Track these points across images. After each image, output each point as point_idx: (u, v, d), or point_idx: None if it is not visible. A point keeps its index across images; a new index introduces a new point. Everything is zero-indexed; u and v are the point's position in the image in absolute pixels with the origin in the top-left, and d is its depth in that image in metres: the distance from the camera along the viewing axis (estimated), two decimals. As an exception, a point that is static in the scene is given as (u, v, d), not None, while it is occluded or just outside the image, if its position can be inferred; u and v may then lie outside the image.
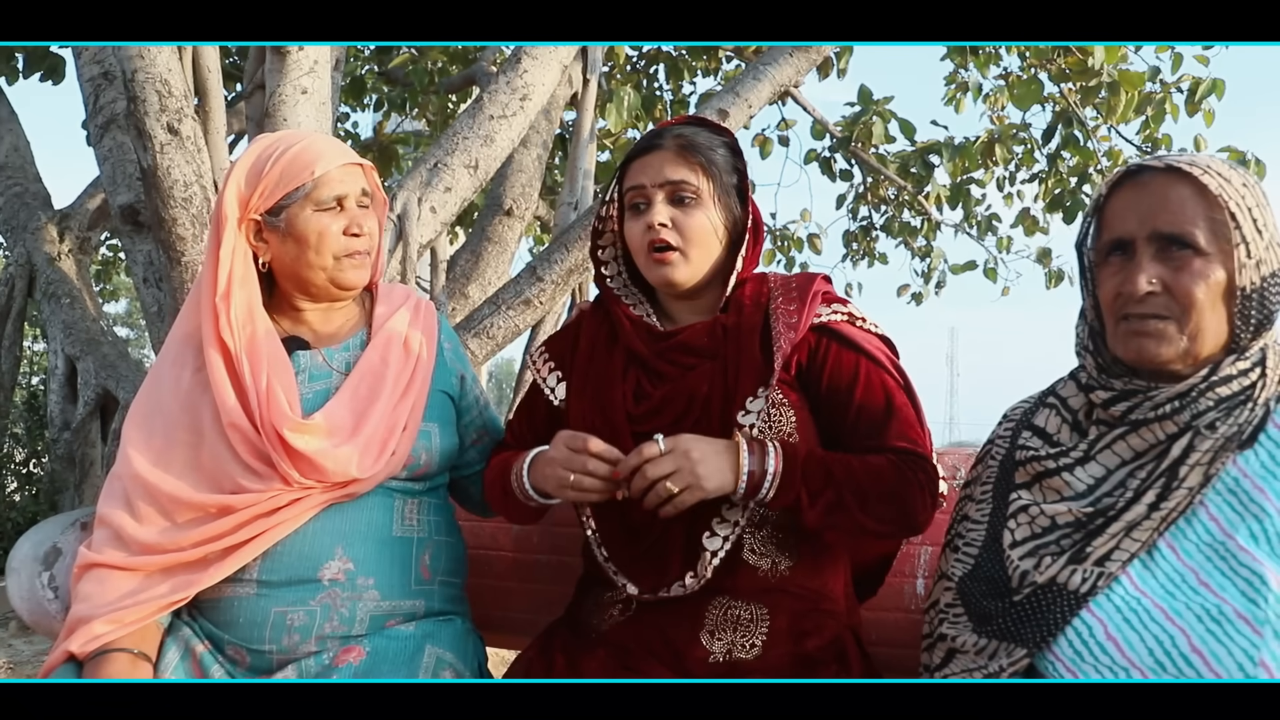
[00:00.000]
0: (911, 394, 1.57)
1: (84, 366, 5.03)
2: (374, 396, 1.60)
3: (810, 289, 1.59)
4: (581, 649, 1.54)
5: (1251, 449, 1.21)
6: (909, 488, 1.45)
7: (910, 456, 1.48)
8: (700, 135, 1.56)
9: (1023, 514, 1.33)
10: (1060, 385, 1.41)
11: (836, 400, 1.53)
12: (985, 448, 1.52)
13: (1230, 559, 1.16)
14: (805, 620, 1.51)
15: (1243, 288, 1.22)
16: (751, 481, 1.41)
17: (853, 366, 1.53)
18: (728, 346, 1.55)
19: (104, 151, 3.95)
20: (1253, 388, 1.23)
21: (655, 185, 1.54)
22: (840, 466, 1.44)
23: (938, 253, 7.21)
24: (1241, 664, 1.10)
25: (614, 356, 1.62)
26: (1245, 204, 1.22)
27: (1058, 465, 1.32)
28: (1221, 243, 1.22)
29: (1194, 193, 1.23)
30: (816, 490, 1.42)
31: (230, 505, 1.49)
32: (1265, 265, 1.23)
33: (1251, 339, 1.24)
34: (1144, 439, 1.26)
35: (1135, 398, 1.27)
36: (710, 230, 1.54)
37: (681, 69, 6.29)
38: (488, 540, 2.04)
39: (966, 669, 1.32)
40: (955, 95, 5.99)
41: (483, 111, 3.65)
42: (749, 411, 1.50)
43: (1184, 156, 1.26)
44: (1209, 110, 5.28)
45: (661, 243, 1.53)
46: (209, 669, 1.51)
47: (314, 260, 1.59)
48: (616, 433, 1.54)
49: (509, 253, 4.58)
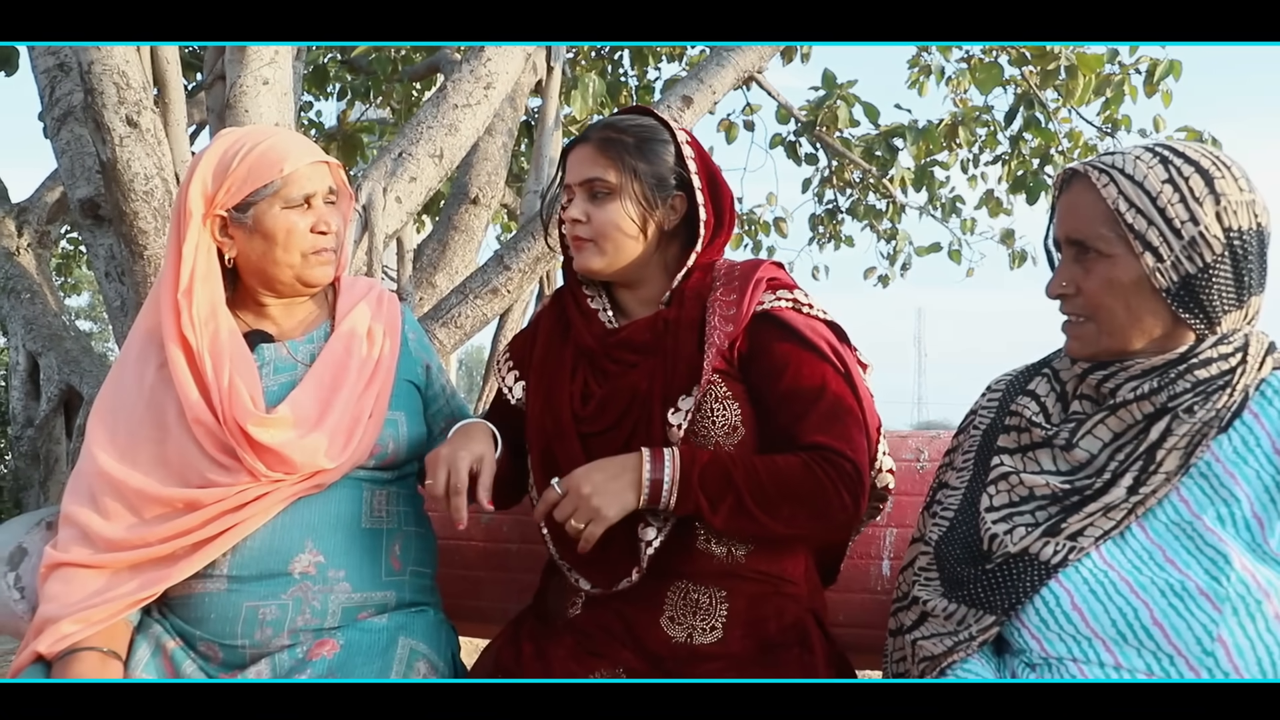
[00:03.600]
0: (852, 383, 1.54)
1: (46, 362, 4.96)
2: (338, 386, 1.60)
3: (753, 276, 1.58)
4: (549, 637, 1.55)
5: (1226, 434, 1.24)
6: (819, 488, 1.44)
7: (825, 453, 1.45)
8: (629, 128, 1.59)
9: (1003, 481, 1.36)
10: (1054, 359, 1.45)
11: (764, 389, 1.53)
12: (968, 418, 1.55)
13: (1197, 538, 1.20)
14: (765, 604, 1.53)
15: (1164, 289, 1.24)
16: (653, 491, 1.44)
17: (783, 355, 1.52)
18: (667, 341, 1.55)
19: (62, 144, 3.88)
20: (1232, 373, 1.25)
21: (575, 183, 1.60)
22: (742, 471, 1.45)
23: (903, 235, 7.24)
24: (1200, 638, 1.14)
25: (564, 354, 1.64)
26: (1157, 205, 1.23)
27: (1046, 438, 1.35)
28: (1134, 244, 1.24)
29: (1095, 199, 1.27)
30: (715, 496, 1.44)
31: (198, 500, 1.49)
32: (1187, 262, 1.23)
33: (1209, 325, 1.26)
34: (1123, 420, 1.29)
35: (1110, 366, 1.30)
36: (619, 223, 1.56)
37: (646, 55, 6.29)
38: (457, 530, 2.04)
39: (937, 633, 1.35)
40: (918, 79, 6.03)
41: (447, 100, 3.63)
42: (679, 409, 1.50)
43: (1110, 158, 1.28)
44: (1167, 91, 5.35)
45: (575, 236, 1.59)
46: (181, 666, 1.50)
47: (281, 257, 1.59)
48: (564, 435, 1.56)
49: (476, 241, 4.57)
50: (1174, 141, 1.31)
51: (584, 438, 1.55)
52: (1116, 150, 1.31)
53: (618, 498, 1.44)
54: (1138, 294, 1.26)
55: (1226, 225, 1.23)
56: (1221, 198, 1.23)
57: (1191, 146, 1.27)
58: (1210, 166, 1.24)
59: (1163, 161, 1.25)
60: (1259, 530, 1.18)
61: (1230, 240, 1.23)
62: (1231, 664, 1.13)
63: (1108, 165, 1.27)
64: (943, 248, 7.10)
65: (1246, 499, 1.19)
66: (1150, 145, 1.28)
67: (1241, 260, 1.24)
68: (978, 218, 7.08)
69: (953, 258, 7.07)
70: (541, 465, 1.60)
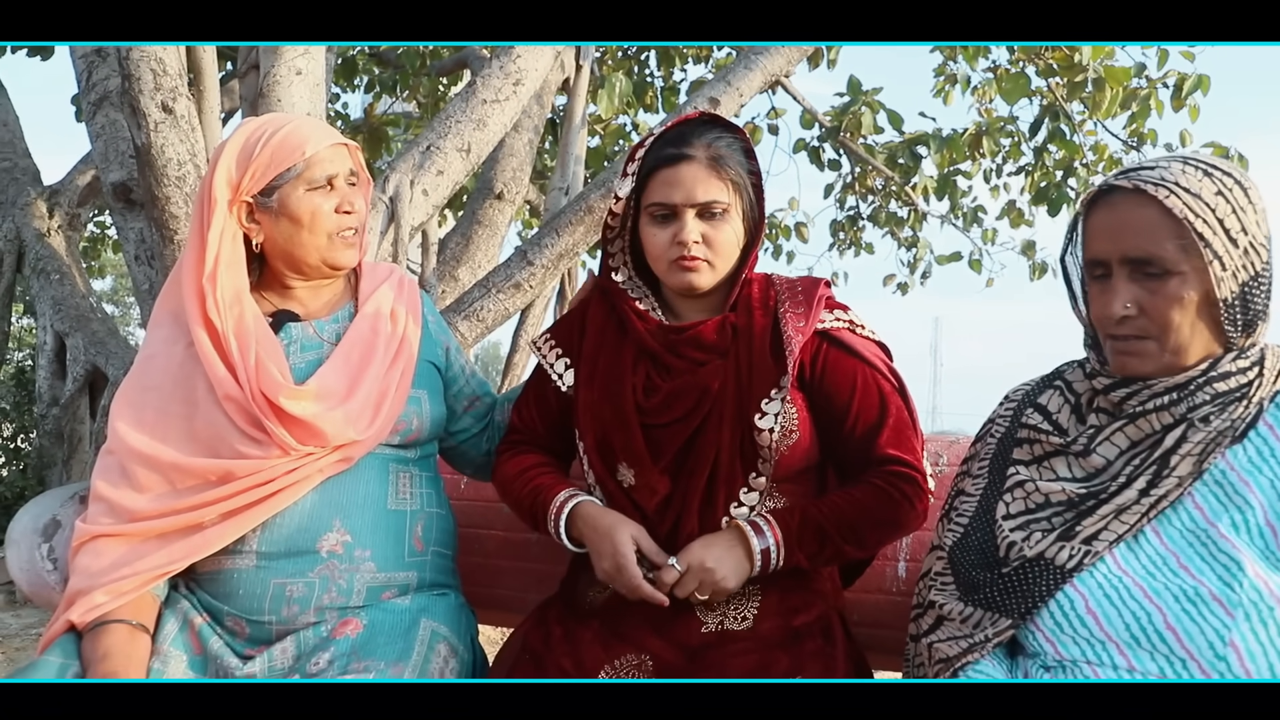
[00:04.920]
0: (905, 396, 1.63)
1: (73, 343, 5.02)
2: (366, 363, 1.64)
3: (815, 294, 1.63)
4: (577, 620, 1.60)
5: (1241, 444, 1.26)
6: (898, 508, 1.55)
7: (899, 467, 1.56)
8: (724, 143, 1.58)
9: (1019, 489, 1.39)
10: (1068, 370, 1.46)
11: (835, 406, 1.59)
12: (985, 426, 1.57)
13: (1211, 545, 1.22)
14: (794, 597, 1.58)
15: (1223, 299, 1.25)
16: (764, 560, 1.52)
17: (851, 373, 1.59)
18: (739, 346, 1.59)
19: (96, 128, 3.93)
20: (1249, 386, 1.27)
21: (687, 205, 1.55)
22: (831, 518, 1.53)
23: (924, 243, 7.25)
24: (1213, 643, 1.16)
25: (624, 348, 1.66)
26: (1216, 216, 1.23)
27: (1061, 448, 1.37)
28: (1194, 259, 1.24)
29: (1160, 214, 1.24)
30: (814, 552, 1.54)
31: (231, 471, 1.52)
32: (1244, 271, 1.25)
33: (1243, 337, 1.28)
34: (1140, 429, 1.31)
35: (1134, 384, 1.31)
36: (735, 241, 1.58)
37: (673, 56, 6.31)
38: (479, 519, 2.07)
39: (953, 636, 1.37)
40: (944, 87, 6.02)
41: (476, 95, 3.66)
42: (765, 414, 1.55)
43: (1154, 172, 1.26)
44: (1194, 106, 5.34)
45: (692, 258, 1.56)
46: (207, 640, 1.54)
47: (307, 239, 1.63)
48: (626, 424, 1.60)
49: (499, 236, 4.59)
50: (1200, 155, 1.31)
51: (646, 428, 1.59)
52: (1146, 165, 1.29)
53: (737, 570, 1.51)
54: (1202, 309, 1.26)
55: (1266, 233, 1.27)
56: (1256, 206, 1.26)
57: (1216, 159, 1.28)
58: (1241, 179, 1.26)
59: (1206, 174, 1.26)
60: (1272, 538, 1.20)
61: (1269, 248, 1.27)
62: (1244, 669, 1.14)
63: (1158, 180, 1.25)
64: (963, 257, 7.10)
65: (1260, 507, 1.21)
66: (1180, 158, 1.29)
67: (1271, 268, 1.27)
68: (999, 228, 7.07)
69: (973, 267, 7.06)
70: (598, 452, 1.64)
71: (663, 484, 1.58)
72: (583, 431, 1.67)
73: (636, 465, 1.60)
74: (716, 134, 1.58)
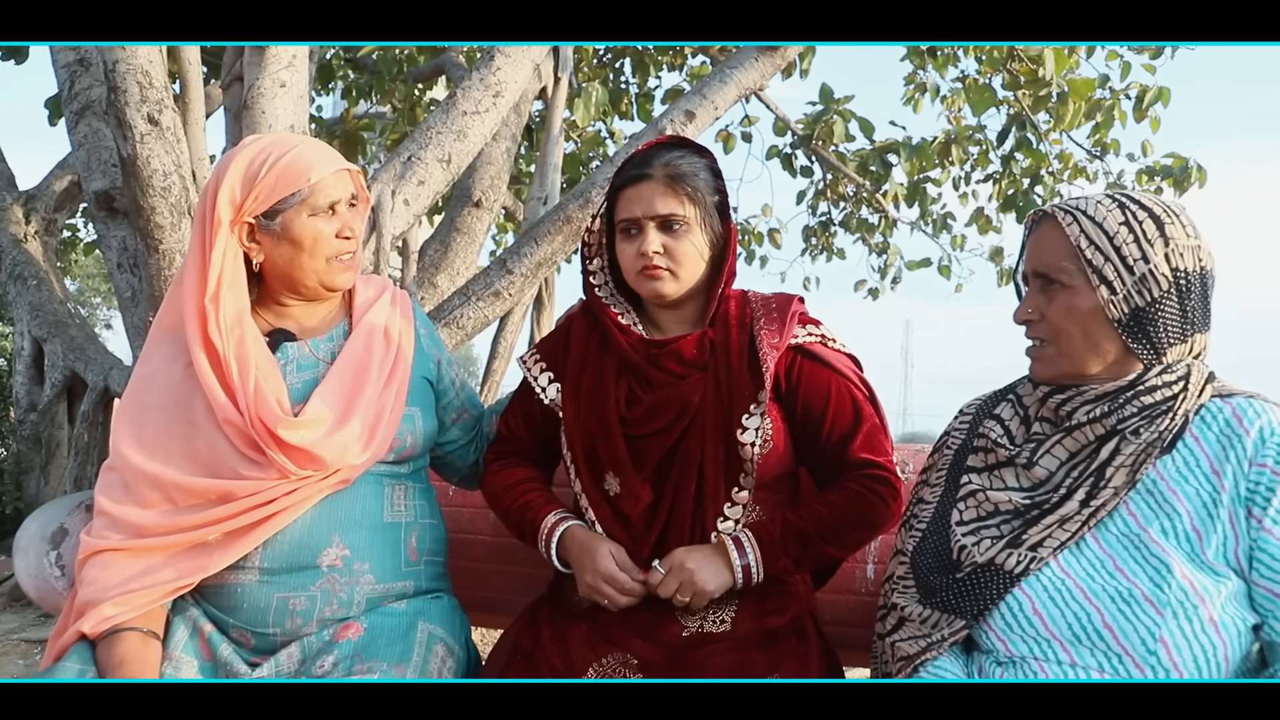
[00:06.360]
0: (876, 404, 1.74)
1: (51, 348, 5.03)
2: (361, 383, 1.66)
3: (789, 310, 1.73)
4: (566, 621, 1.68)
5: (1169, 455, 1.38)
6: (874, 509, 1.66)
7: (874, 470, 1.68)
8: (685, 162, 1.68)
9: (971, 498, 1.50)
10: (1019, 384, 1.58)
11: (812, 415, 1.69)
12: (942, 439, 1.69)
13: (1144, 549, 1.33)
14: (770, 600, 1.67)
15: (1115, 319, 1.38)
16: (745, 574, 1.62)
17: (825, 384, 1.70)
18: (717, 361, 1.68)
19: (79, 137, 3.96)
20: (1174, 399, 1.38)
21: (647, 217, 1.66)
22: (813, 525, 1.63)
23: (894, 249, 7.38)
24: (1144, 639, 1.28)
25: (606, 362, 1.74)
26: (1114, 244, 1.37)
27: (1009, 458, 1.49)
28: (1091, 277, 1.39)
29: (1061, 235, 1.41)
30: (799, 556, 1.63)
31: (231, 491, 1.54)
32: (1137, 296, 1.37)
33: (1154, 355, 1.39)
34: (1077, 440, 1.43)
35: (1069, 392, 1.44)
36: (697, 253, 1.68)
37: (648, 64, 6.38)
38: (467, 525, 2.15)
39: (913, 635, 1.48)
40: (914, 96, 6.15)
41: (456, 107, 3.73)
42: (746, 428, 1.64)
43: (1075, 202, 1.43)
44: (1155, 117, 5.49)
45: (654, 266, 1.66)
46: (217, 647, 1.58)
47: (307, 263, 1.65)
48: (610, 435, 1.68)
49: (477, 244, 4.64)
50: (1135, 191, 1.46)
51: (629, 439, 1.68)
52: (1083, 196, 1.46)
53: (717, 575, 1.61)
54: (1094, 323, 1.40)
55: (1174, 265, 1.37)
56: (1171, 241, 1.37)
57: (1148, 196, 1.42)
58: (1162, 214, 1.39)
59: (1121, 206, 1.40)
60: (1198, 541, 1.32)
61: (1176, 279, 1.37)
62: (1171, 661, 1.27)
63: (1072, 208, 1.42)
64: (933, 263, 7.23)
65: (1187, 513, 1.33)
66: (1113, 194, 1.44)
67: (1186, 297, 1.38)
68: (968, 234, 7.22)
69: (942, 273, 7.20)
70: (586, 461, 1.72)
71: (645, 492, 1.67)
72: (570, 442, 1.74)
73: (621, 474, 1.68)
74: (679, 155, 1.69)
